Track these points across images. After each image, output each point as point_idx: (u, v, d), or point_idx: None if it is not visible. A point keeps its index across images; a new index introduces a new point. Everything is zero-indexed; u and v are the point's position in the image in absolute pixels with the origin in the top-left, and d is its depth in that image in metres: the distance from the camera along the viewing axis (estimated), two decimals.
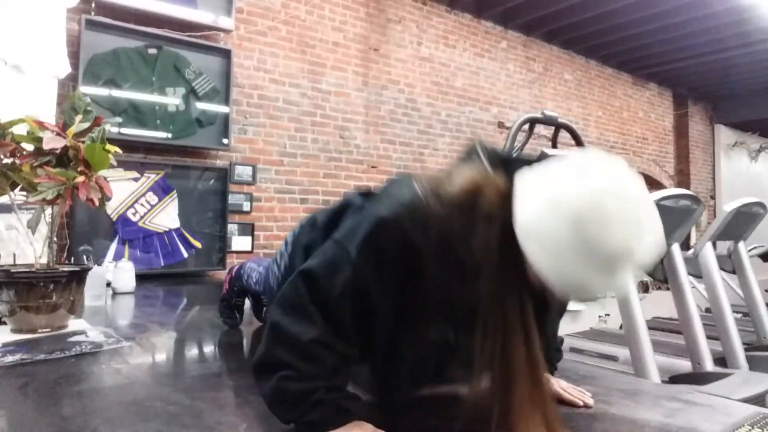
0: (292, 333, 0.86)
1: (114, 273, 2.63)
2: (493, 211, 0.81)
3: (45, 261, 1.63)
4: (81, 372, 1.31)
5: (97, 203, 1.56)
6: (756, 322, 3.57)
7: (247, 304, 1.82)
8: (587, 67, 6.45)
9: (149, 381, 1.29)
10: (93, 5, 3.09)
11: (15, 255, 1.71)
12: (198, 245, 3.39)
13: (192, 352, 1.70)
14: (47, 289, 1.56)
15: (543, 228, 0.75)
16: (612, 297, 0.94)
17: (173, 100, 3.35)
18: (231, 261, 3.51)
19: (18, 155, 1.55)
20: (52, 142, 1.51)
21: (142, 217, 3.18)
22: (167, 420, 0.98)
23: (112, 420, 1.00)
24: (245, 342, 1.76)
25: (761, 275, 3.89)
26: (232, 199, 3.60)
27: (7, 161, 1.56)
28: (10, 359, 1.34)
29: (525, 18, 5.35)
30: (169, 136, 3.33)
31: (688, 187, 7.29)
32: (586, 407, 1.07)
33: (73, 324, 1.69)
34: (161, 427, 0.95)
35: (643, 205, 0.76)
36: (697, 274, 3.44)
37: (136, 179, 3.18)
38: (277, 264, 1.32)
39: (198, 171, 3.49)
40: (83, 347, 1.48)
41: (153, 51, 3.28)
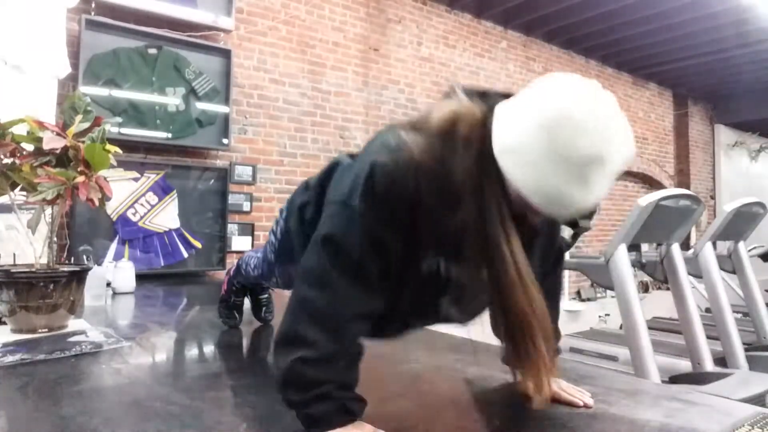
0: (318, 305, 0.88)
1: (114, 273, 2.63)
2: (472, 135, 0.85)
3: (45, 261, 1.63)
4: (81, 372, 1.31)
5: (97, 203, 1.56)
6: (756, 322, 3.57)
7: (247, 304, 1.82)
8: (587, 67, 6.45)
9: (149, 381, 1.29)
10: (93, 5, 3.09)
11: (15, 255, 1.70)
12: (198, 245, 3.39)
13: (192, 352, 1.70)
14: (47, 289, 1.56)
15: (517, 141, 0.79)
16: (593, 216, 0.98)
17: (173, 100, 3.35)
18: (231, 261, 3.50)
19: (18, 155, 1.56)
20: (52, 142, 1.51)
21: (142, 217, 3.18)
22: (167, 420, 0.98)
23: (112, 420, 1.00)
24: (245, 342, 1.76)
25: (761, 275, 3.90)
26: (232, 199, 3.59)
27: (7, 161, 1.56)
28: (10, 359, 1.34)
29: (525, 18, 5.35)
30: (169, 136, 3.32)
31: (688, 187, 7.29)
32: (585, 407, 1.07)
33: (73, 324, 1.69)
34: (161, 427, 0.95)
35: (613, 115, 0.80)
36: (697, 274, 3.44)
37: (136, 179, 3.18)
38: (274, 232, 1.32)
39: (198, 171, 3.49)
40: (83, 347, 1.48)
41: (153, 51, 3.28)
